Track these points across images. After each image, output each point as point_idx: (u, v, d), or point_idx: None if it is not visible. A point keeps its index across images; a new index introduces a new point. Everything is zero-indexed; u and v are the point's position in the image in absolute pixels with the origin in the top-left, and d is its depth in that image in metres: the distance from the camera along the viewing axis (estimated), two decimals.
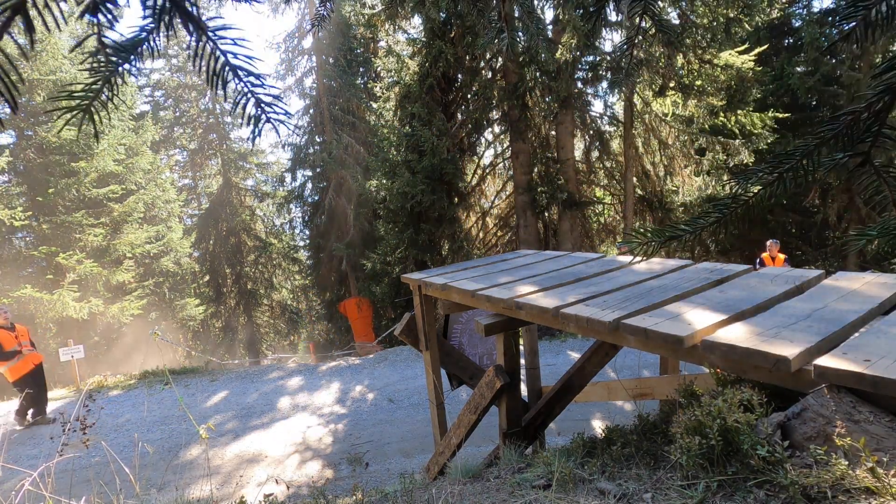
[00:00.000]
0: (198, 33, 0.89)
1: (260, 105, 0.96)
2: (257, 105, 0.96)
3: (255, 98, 0.96)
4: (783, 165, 1.33)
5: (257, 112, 0.96)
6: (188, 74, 21.96)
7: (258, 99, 0.96)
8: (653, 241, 1.50)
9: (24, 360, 6.80)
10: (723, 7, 9.65)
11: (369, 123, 16.53)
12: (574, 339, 9.59)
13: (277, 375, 8.83)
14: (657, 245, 1.50)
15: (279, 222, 21.91)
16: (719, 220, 1.44)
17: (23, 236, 13.60)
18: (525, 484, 1.85)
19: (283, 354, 20.11)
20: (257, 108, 0.96)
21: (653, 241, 1.50)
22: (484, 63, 11.78)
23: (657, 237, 1.49)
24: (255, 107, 0.96)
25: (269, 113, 0.96)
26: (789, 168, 1.31)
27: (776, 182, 1.34)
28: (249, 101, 0.96)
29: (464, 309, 3.67)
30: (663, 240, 1.49)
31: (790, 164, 1.31)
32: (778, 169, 1.33)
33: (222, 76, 0.93)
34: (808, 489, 1.20)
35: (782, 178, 1.33)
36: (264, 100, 0.96)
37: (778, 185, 1.34)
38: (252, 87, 0.96)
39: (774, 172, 1.34)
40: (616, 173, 13.15)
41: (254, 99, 0.96)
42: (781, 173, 1.33)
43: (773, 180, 1.34)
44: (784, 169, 1.32)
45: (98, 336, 14.29)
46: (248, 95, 0.96)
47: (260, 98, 0.96)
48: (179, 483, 4.99)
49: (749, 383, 1.63)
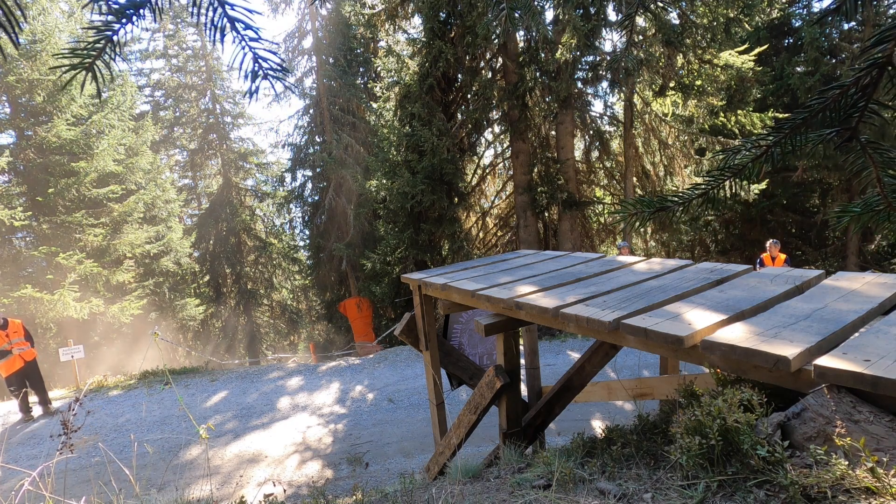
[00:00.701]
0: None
1: (257, 60, 0.95)
2: (255, 60, 0.95)
3: (253, 52, 0.95)
4: (770, 140, 1.33)
5: (255, 67, 0.95)
6: (188, 74, 21.96)
7: (255, 54, 0.95)
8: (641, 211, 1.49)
9: (13, 357, 6.94)
10: (723, 7, 9.65)
11: (369, 123, 16.54)
12: (574, 339, 9.59)
13: (277, 375, 8.83)
14: (647, 215, 1.50)
15: (279, 222, 21.92)
16: (706, 192, 1.44)
17: (23, 236, 13.59)
18: (525, 484, 1.85)
19: (283, 354, 20.11)
20: (255, 62, 0.95)
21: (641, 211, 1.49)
22: (484, 63, 11.78)
23: (647, 207, 1.49)
24: (253, 62, 0.95)
25: (267, 69, 0.96)
26: (776, 142, 1.31)
27: (764, 156, 1.33)
28: (247, 56, 0.95)
29: (464, 309, 3.67)
30: (653, 210, 1.49)
31: (777, 139, 1.31)
32: (765, 143, 1.33)
33: (220, 28, 0.92)
34: (808, 489, 1.20)
35: (770, 152, 1.33)
36: (261, 55, 0.95)
37: (766, 159, 1.34)
38: (249, 42, 0.94)
39: (762, 146, 1.34)
40: (616, 173, 13.15)
41: (251, 53, 0.95)
42: (769, 147, 1.33)
43: (761, 154, 1.34)
44: (771, 142, 1.32)
45: (98, 336, 14.29)
46: (246, 50, 0.95)
47: (257, 53, 0.95)
48: (179, 483, 4.99)
49: (749, 383, 1.63)
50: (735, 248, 15.17)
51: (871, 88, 1.18)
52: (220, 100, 21.93)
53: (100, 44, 0.94)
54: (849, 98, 1.21)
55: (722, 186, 1.43)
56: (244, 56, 0.95)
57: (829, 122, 1.26)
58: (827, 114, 1.24)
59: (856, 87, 1.20)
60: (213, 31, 0.92)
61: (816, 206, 14.58)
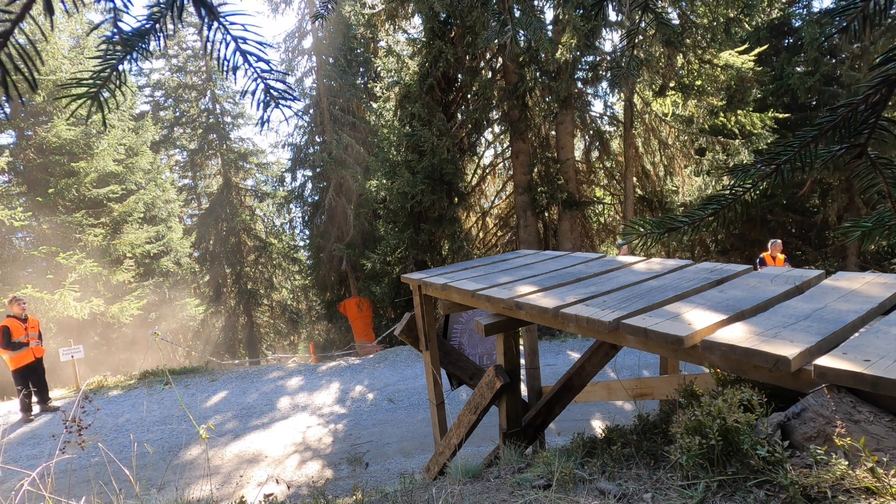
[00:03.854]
0: (209, 18, 0.91)
1: (269, 91, 0.98)
2: (266, 91, 0.98)
3: (265, 84, 0.98)
4: (780, 158, 1.32)
5: (266, 98, 0.99)
6: (188, 74, 21.96)
7: (268, 85, 0.98)
8: (651, 232, 1.49)
9: (26, 350, 7.05)
10: (723, 7, 9.65)
11: (369, 123, 16.53)
12: (574, 339, 9.59)
13: (277, 375, 8.83)
14: (656, 237, 1.50)
15: (279, 222, 21.93)
16: (717, 212, 1.44)
17: (23, 236, 13.58)
18: (525, 484, 1.85)
19: (283, 354, 20.11)
20: (266, 94, 0.99)
21: (651, 232, 1.49)
22: (484, 63, 11.78)
23: (656, 229, 1.49)
24: (265, 93, 0.99)
25: (279, 99, 0.99)
26: (787, 160, 1.31)
27: (774, 174, 1.33)
28: (259, 87, 0.98)
29: (464, 309, 3.67)
30: (662, 231, 1.49)
31: (787, 157, 1.31)
32: (775, 161, 1.33)
33: (233, 62, 0.96)
34: (808, 489, 1.20)
35: (780, 170, 1.33)
36: (273, 86, 0.99)
37: (776, 177, 1.34)
38: (261, 73, 0.98)
39: (772, 165, 1.34)
40: (616, 173, 13.15)
41: (263, 85, 0.98)
42: (779, 165, 1.33)
43: (771, 172, 1.34)
44: (781, 161, 1.32)
45: (98, 336, 14.28)
46: (258, 81, 0.98)
47: (269, 84, 0.98)
48: (179, 483, 4.99)
49: (749, 383, 1.63)
50: (735, 248, 15.16)
51: (881, 105, 1.18)
52: (220, 100, 21.92)
53: (105, 73, 0.95)
54: (858, 115, 1.21)
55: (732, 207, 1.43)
56: (256, 87, 0.99)
57: (838, 139, 1.26)
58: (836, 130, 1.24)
59: (865, 104, 1.20)
60: (227, 65, 0.95)
61: (816, 206, 14.58)
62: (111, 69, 0.95)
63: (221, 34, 0.93)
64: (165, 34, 0.94)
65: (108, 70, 0.95)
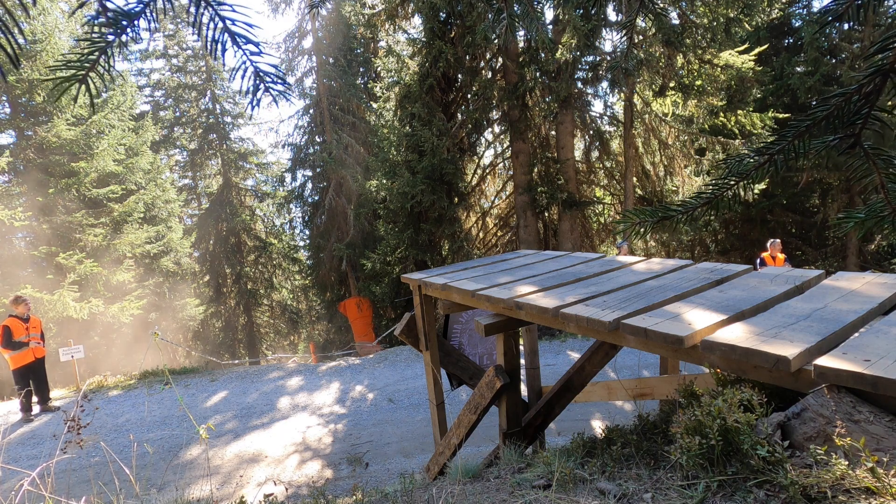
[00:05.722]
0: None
1: (258, 74, 0.96)
2: (256, 75, 0.96)
3: (254, 67, 0.95)
4: (774, 147, 1.32)
5: (256, 82, 0.96)
6: (188, 74, 21.95)
7: (257, 68, 0.95)
8: (646, 221, 1.49)
9: (26, 350, 7.06)
10: (723, 7, 9.65)
11: (369, 123, 16.54)
12: (574, 339, 9.59)
13: (277, 375, 8.83)
14: (650, 225, 1.50)
15: (279, 222, 21.92)
16: (710, 201, 1.44)
17: (23, 236, 13.58)
18: (525, 484, 1.85)
19: (283, 354, 20.11)
20: (256, 77, 0.96)
21: (646, 221, 1.49)
22: (484, 63, 11.78)
23: (650, 217, 1.49)
24: (254, 76, 0.96)
25: (268, 83, 0.96)
26: (780, 150, 1.31)
27: (767, 164, 1.33)
28: (248, 70, 0.95)
29: (464, 309, 3.67)
30: (656, 220, 1.49)
31: (780, 146, 1.31)
32: (769, 151, 1.33)
33: (221, 42, 0.92)
34: (808, 489, 1.20)
35: (774, 160, 1.33)
36: (262, 69, 0.96)
37: (769, 167, 1.33)
38: (250, 56, 0.95)
39: (766, 154, 1.34)
40: (616, 173, 13.15)
41: (252, 68, 0.95)
42: (772, 155, 1.33)
43: (764, 162, 1.34)
44: (775, 151, 1.32)
45: (98, 336, 14.28)
46: (247, 65, 0.95)
47: (258, 67, 0.96)
48: (179, 483, 4.99)
49: (749, 383, 1.62)
50: (735, 248, 15.17)
51: (875, 95, 1.18)
52: (220, 100, 21.92)
53: (94, 55, 0.92)
54: (852, 105, 1.21)
55: (725, 195, 1.43)
56: (245, 70, 0.95)
57: (832, 129, 1.26)
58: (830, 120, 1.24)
59: (859, 94, 1.20)
60: (215, 46, 0.92)
61: (816, 206, 14.59)
62: (100, 52, 0.92)
63: (209, 15, 0.91)
64: (156, 16, 0.92)
65: (96, 53, 0.92)
